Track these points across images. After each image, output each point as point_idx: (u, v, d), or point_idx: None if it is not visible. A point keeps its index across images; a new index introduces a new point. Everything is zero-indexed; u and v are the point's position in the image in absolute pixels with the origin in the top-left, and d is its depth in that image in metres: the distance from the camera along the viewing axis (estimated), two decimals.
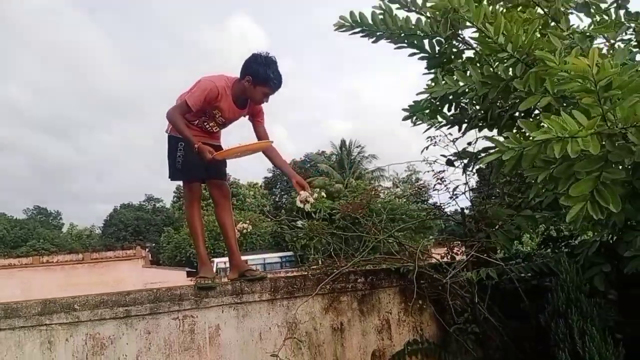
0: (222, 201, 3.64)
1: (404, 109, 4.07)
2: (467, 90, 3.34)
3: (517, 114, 3.11)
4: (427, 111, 4.05)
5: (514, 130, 3.07)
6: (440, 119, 4.10)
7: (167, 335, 3.12)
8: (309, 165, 51.42)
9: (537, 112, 3.08)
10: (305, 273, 3.57)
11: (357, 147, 44.42)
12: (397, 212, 4.61)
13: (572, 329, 2.91)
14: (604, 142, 2.14)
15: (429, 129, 4.14)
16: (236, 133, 4.00)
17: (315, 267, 3.70)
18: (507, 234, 3.55)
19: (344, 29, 3.70)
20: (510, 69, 2.88)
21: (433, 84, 3.74)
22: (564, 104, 2.69)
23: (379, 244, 3.80)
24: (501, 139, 2.54)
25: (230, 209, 3.69)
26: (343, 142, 45.14)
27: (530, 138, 2.11)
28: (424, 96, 3.75)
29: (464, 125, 3.93)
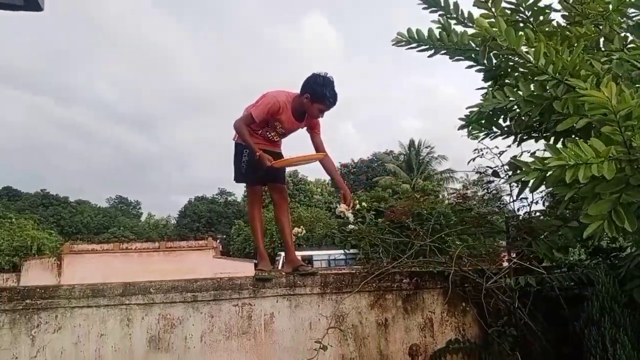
0: (281, 203, 4.02)
1: (460, 119, 4.24)
2: (514, 106, 3.50)
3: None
4: (483, 121, 4.21)
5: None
6: (495, 129, 4.26)
7: (228, 320, 3.52)
8: (376, 164, 51.42)
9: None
10: (354, 272, 3.86)
11: (426, 147, 43.85)
12: (449, 217, 4.78)
13: (605, 336, 3.03)
14: (624, 167, 2.28)
15: (484, 138, 4.30)
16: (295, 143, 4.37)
17: (363, 266, 3.98)
18: (550, 244, 3.67)
19: (402, 44, 3.94)
20: (552, 89, 3.02)
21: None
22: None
23: (425, 248, 4.02)
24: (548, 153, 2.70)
25: (288, 210, 4.06)
26: (412, 142, 44.69)
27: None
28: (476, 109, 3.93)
29: (519, 136, 4.06)
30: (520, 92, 3.33)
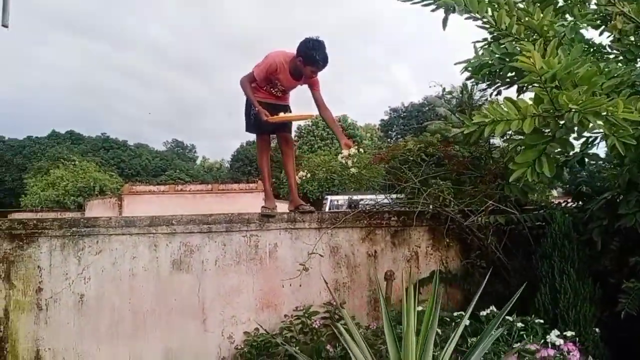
0: (287, 150, 4.57)
1: (457, 63, 4.38)
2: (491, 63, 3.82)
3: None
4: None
5: None
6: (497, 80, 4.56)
7: (238, 248, 4.17)
8: (427, 108, 50.72)
9: None
10: (347, 210, 4.41)
11: (480, 90, 42.69)
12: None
13: (554, 268, 3.47)
14: (549, 122, 2.66)
15: (486, 89, 4.62)
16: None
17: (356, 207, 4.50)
18: (523, 187, 4.05)
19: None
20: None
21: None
22: None
23: (415, 189, 4.48)
24: None
25: (293, 156, 4.62)
26: (465, 85, 43.58)
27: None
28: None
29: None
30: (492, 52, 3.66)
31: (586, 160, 4.09)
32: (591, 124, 2.51)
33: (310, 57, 4.06)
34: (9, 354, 3.64)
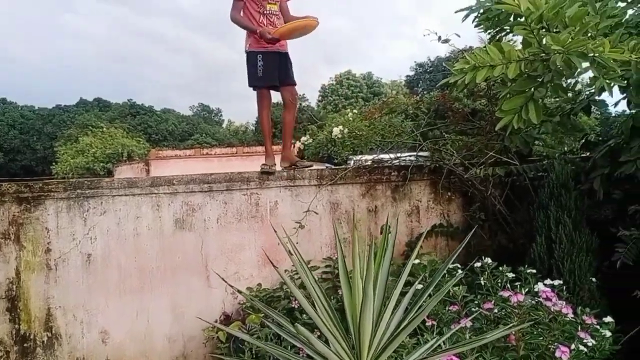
0: (290, 104, 4.53)
1: (458, 10, 4.21)
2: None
3: None
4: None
5: None
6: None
7: (239, 206, 4.23)
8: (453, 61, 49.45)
9: None
10: (347, 167, 4.40)
11: (509, 41, 41.28)
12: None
13: (550, 218, 3.42)
14: (537, 66, 2.57)
15: (494, 35, 4.47)
16: None
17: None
18: (524, 138, 3.96)
19: None
20: None
21: None
22: None
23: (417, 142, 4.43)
24: None
25: (295, 110, 4.58)
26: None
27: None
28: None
29: None
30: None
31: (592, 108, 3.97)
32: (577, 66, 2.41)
33: None
34: (22, 312, 3.83)
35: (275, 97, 4.68)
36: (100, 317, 3.99)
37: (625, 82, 2.86)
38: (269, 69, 4.33)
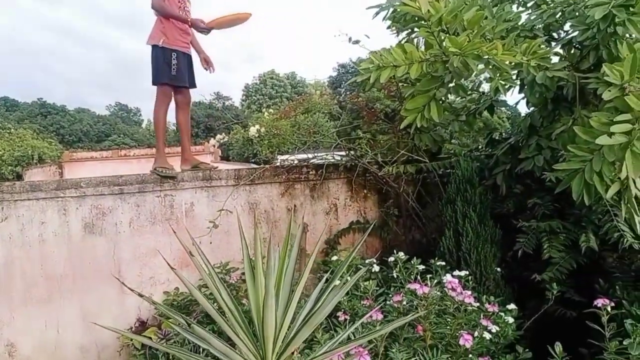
0: (184, 106, 4.46)
1: (369, 7, 4.21)
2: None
3: None
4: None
5: None
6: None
7: (152, 208, 4.10)
8: None
9: None
10: (264, 166, 4.40)
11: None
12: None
13: (457, 212, 3.60)
14: (438, 67, 2.69)
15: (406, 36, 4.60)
16: None
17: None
18: (433, 136, 4.14)
19: None
20: None
21: None
22: None
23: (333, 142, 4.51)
24: None
25: (189, 112, 4.49)
26: None
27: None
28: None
29: None
30: None
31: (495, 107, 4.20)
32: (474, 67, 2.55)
33: None
34: None
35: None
36: (5, 330, 3.76)
37: (519, 83, 3.06)
38: (182, 69, 4.24)
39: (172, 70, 4.23)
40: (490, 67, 2.53)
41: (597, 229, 3.26)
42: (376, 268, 3.38)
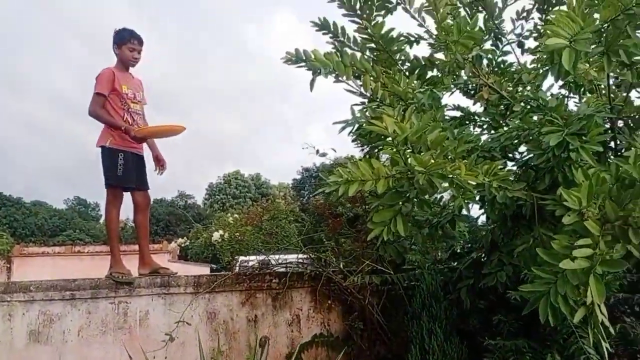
0: (144, 207, 4.35)
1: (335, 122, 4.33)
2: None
3: None
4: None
5: None
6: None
7: (104, 316, 3.87)
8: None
9: None
10: (226, 273, 4.28)
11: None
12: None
13: (423, 328, 3.53)
14: (403, 183, 2.77)
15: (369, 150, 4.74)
16: None
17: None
18: (396, 247, 4.15)
19: (290, 62, 4.26)
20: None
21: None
22: None
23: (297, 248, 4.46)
24: None
25: (148, 214, 4.42)
26: None
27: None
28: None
29: None
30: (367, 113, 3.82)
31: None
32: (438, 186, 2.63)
33: (121, 35, 4.24)
34: None
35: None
36: None
37: (481, 202, 3.15)
38: (129, 169, 4.17)
39: (118, 171, 4.17)
40: (454, 185, 2.61)
41: (562, 349, 3.24)
42: None
